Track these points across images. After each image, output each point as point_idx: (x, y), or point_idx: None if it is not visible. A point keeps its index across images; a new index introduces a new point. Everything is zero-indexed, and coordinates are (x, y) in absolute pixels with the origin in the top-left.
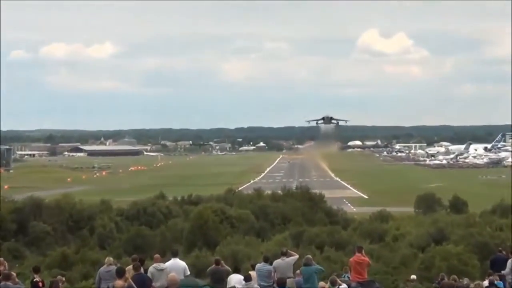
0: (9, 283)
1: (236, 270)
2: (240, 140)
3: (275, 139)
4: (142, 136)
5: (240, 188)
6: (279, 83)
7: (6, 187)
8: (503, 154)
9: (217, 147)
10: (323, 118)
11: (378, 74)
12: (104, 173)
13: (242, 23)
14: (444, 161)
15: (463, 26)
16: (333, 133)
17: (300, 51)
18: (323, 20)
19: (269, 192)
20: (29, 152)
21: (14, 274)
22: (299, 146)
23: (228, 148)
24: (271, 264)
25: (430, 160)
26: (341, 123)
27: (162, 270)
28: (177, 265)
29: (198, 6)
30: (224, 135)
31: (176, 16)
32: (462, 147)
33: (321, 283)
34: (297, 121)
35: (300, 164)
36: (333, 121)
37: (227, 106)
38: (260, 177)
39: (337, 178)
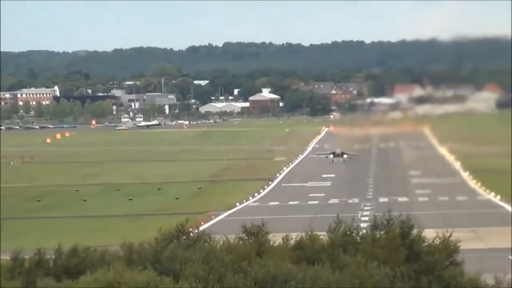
0: None
1: None
2: (204, 84)
3: (304, 78)
4: None
5: (211, 223)
6: None
7: None
8: None
9: (135, 104)
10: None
11: None
12: None
13: None
14: None
15: None
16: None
17: None
18: None
19: (293, 236)
20: None
21: None
22: (375, 99)
23: (167, 113)
24: None
25: None
26: None
27: None
28: None
29: None
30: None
31: None
32: None
33: None
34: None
35: (380, 152)
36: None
37: None
38: (266, 190)
39: (492, 195)
